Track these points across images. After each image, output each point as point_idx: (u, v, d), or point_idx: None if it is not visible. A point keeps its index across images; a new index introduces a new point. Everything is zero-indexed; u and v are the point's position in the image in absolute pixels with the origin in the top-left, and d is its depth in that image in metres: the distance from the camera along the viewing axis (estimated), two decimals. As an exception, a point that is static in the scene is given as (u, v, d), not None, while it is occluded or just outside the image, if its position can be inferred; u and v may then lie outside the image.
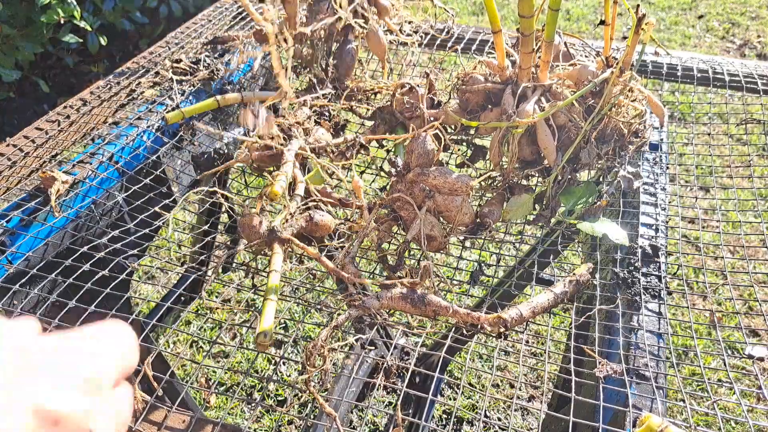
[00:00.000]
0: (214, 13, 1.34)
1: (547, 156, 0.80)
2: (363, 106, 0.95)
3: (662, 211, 0.82)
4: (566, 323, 0.79)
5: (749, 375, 1.58)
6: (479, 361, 1.79)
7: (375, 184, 0.97)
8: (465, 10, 3.88)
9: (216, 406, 1.72)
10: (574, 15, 3.77)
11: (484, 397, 0.69)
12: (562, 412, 0.59)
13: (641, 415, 0.57)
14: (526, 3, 0.70)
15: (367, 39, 0.97)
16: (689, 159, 0.96)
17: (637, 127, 0.83)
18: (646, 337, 0.66)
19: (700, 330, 1.67)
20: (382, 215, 0.75)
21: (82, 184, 0.85)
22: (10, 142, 0.97)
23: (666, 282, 0.73)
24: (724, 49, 3.39)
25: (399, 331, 0.70)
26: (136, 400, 0.59)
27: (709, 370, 1.54)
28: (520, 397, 1.69)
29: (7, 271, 0.75)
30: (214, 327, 1.89)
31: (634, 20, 0.72)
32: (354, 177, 0.71)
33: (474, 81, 0.84)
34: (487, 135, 0.85)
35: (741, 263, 1.01)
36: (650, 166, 0.90)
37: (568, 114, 0.79)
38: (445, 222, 0.76)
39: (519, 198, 0.81)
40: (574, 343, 0.66)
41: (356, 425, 1.54)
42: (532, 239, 1.13)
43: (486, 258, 1.81)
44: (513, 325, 0.65)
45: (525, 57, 0.77)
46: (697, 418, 0.88)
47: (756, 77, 1.06)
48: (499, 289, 0.92)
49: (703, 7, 3.82)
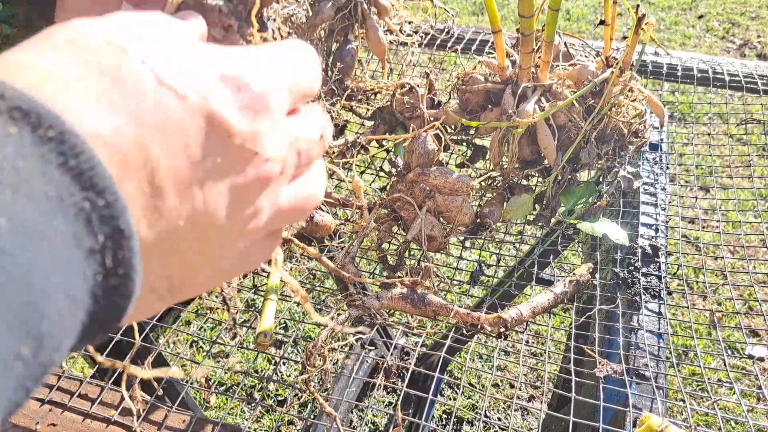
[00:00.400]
0: (214, 13, 1.34)
1: (547, 156, 0.80)
2: (363, 106, 0.95)
3: (662, 211, 0.82)
4: (566, 323, 0.79)
5: (749, 375, 1.58)
6: (479, 361, 1.79)
7: (375, 184, 0.97)
8: (465, 10, 3.88)
9: (216, 406, 1.72)
10: (574, 15, 3.77)
11: (484, 397, 0.69)
12: (562, 412, 0.59)
13: (641, 415, 0.57)
14: (526, 3, 0.70)
15: (367, 39, 0.97)
16: (689, 159, 0.97)
17: (637, 127, 0.83)
18: (646, 337, 0.66)
19: (700, 330, 1.67)
20: (382, 215, 0.75)
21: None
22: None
23: (666, 282, 0.73)
24: (724, 49, 3.39)
25: (399, 331, 0.70)
26: (135, 401, 0.59)
27: (709, 370, 1.54)
28: (520, 397, 1.69)
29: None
30: (214, 327, 1.89)
31: (634, 20, 0.72)
32: (354, 177, 0.71)
33: (474, 81, 0.84)
34: (487, 135, 0.85)
35: (741, 263, 1.01)
36: (650, 166, 0.90)
37: (568, 114, 0.79)
38: (446, 222, 0.76)
39: (519, 198, 0.81)
40: (574, 343, 0.66)
41: (356, 425, 1.54)
42: (532, 239, 1.13)
43: (486, 258, 1.81)
44: (513, 325, 0.65)
45: (525, 57, 0.77)
46: (697, 418, 0.88)
47: (756, 77, 1.06)
48: (499, 289, 0.92)
49: (703, 7, 3.82)
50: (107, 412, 0.60)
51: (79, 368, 1.61)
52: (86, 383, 0.62)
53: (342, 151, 0.82)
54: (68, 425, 0.58)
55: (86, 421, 0.59)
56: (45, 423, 0.58)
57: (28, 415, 0.59)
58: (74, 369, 1.54)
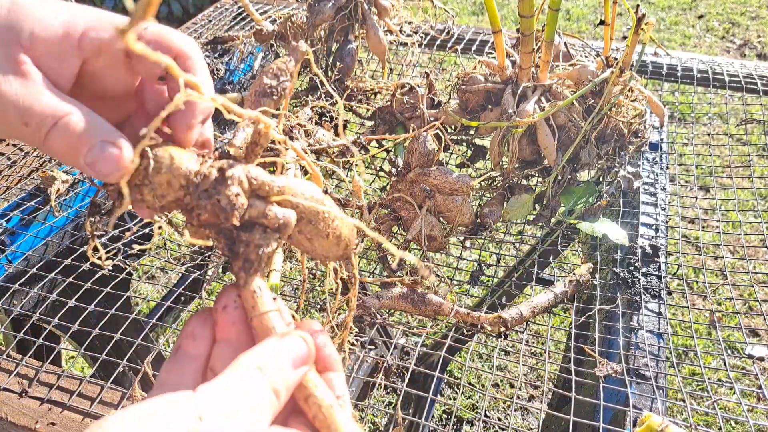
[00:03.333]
0: (214, 13, 1.34)
1: (547, 156, 0.80)
2: (363, 106, 0.95)
3: (662, 211, 0.82)
4: (566, 323, 0.79)
5: (749, 375, 1.58)
6: (479, 360, 1.79)
7: (375, 184, 0.97)
8: (465, 10, 3.88)
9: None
10: (574, 15, 3.77)
11: (484, 396, 0.69)
12: (563, 412, 0.59)
13: (641, 414, 0.57)
14: (526, 3, 0.70)
15: (367, 39, 0.97)
16: (689, 159, 0.97)
17: (637, 127, 0.83)
18: (646, 337, 0.66)
19: (700, 330, 1.67)
20: (382, 215, 0.75)
21: (82, 183, 0.85)
22: (10, 142, 0.97)
23: (666, 282, 0.73)
24: (724, 49, 3.39)
25: (399, 331, 0.70)
26: (134, 400, 0.59)
27: (709, 370, 1.54)
28: (520, 397, 1.69)
29: (7, 270, 0.75)
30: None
31: (634, 20, 0.72)
32: (354, 177, 0.71)
33: (474, 81, 0.84)
34: (487, 135, 0.85)
35: (741, 263, 1.01)
36: (650, 166, 0.90)
37: (568, 114, 0.79)
38: (446, 222, 0.76)
39: (519, 198, 0.81)
40: (575, 343, 0.66)
41: (356, 425, 1.54)
42: (532, 239, 1.13)
43: (486, 258, 1.81)
44: (513, 324, 0.65)
45: (525, 57, 0.77)
46: (697, 417, 0.88)
47: (756, 77, 1.06)
48: (499, 289, 0.92)
49: (703, 7, 3.82)
50: (107, 411, 0.60)
51: (79, 368, 1.61)
52: (86, 382, 0.62)
53: (342, 151, 0.82)
54: (68, 424, 0.58)
55: (86, 420, 0.59)
56: (45, 422, 0.58)
57: (27, 414, 0.59)
58: (74, 368, 1.54)
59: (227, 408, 0.28)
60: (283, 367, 0.30)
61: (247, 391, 0.29)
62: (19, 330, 0.69)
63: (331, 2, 0.93)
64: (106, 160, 0.32)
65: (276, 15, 1.00)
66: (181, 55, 0.35)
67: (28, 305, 0.74)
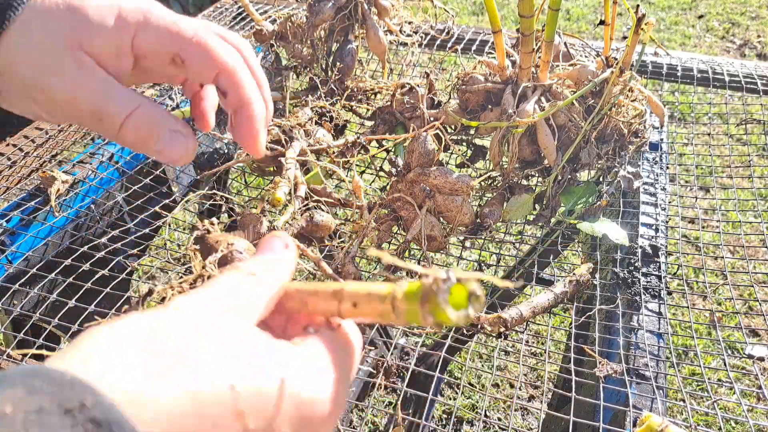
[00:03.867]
0: (214, 13, 1.34)
1: (547, 156, 0.80)
2: (363, 106, 0.95)
3: (662, 211, 0.82)
4: (566, 323, 0.79)
5: (749, 375, 1.58)
6: (479, 361, 1.79)
7: (375, 184, 0.97)
8: (465, 10, 3.88)
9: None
10: (574, 15, 3.77)
11: (484, 396, 0.69)
12: (563, 412, 0.59)
13: (641, 414, 0.57)
14: (526, 3, 0.70)
15: (367, 39, 0.97)
16: (689, 159, 0.97)
17: (637, 127, 0.83)
18: (646, 337, 0.66)
19: (700, 330, 1.67)
20: (382, 215, 0.75)
21: (82, 183, 0.86)
22: (10, 142, 0.97)
23: (666, 282, 0.73)
24: (724, 49, 3.39)
25: (399, 331, 0.70)
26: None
27: (709, 370, 1.54)
28: (520, 397, 1.69)
29: (7, 271, 0.75)
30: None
31: (634, 20, 0.72)
32: (354, 177, 0.71)
33: (474, 81, 0.84)
34: (487, 135, 0.85)
35: (741, 263, 1.01)
36: (650, 166, 0.90)
37: (568, 114, 0.79)
38: (446, 222, 0.76)
39: (519, 198, 0.81)
40: (574, 343, 0.66)
41: (356, 425, 1.54)
42: (532, 239, 1.13)
43: (486, 258, 1.81)
44: (513, 324, 0.65)
45: (525, 57, 0.77)
46: (697, 417, 0.88)
47: (756, 77, 1.06)
48: (499, 289, 0.92)
49: (703, 7, 3.82)
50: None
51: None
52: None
53: (342, 152, 0.82)
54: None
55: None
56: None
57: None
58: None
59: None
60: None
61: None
62: (19, 330, 0.69)
63: (331, 2, 0.93)
64: (176, 147, 0.37)
65: (276, 15, 1.00)
66: (225, 71, 0.38)
67: (28, 305, 0.74)
